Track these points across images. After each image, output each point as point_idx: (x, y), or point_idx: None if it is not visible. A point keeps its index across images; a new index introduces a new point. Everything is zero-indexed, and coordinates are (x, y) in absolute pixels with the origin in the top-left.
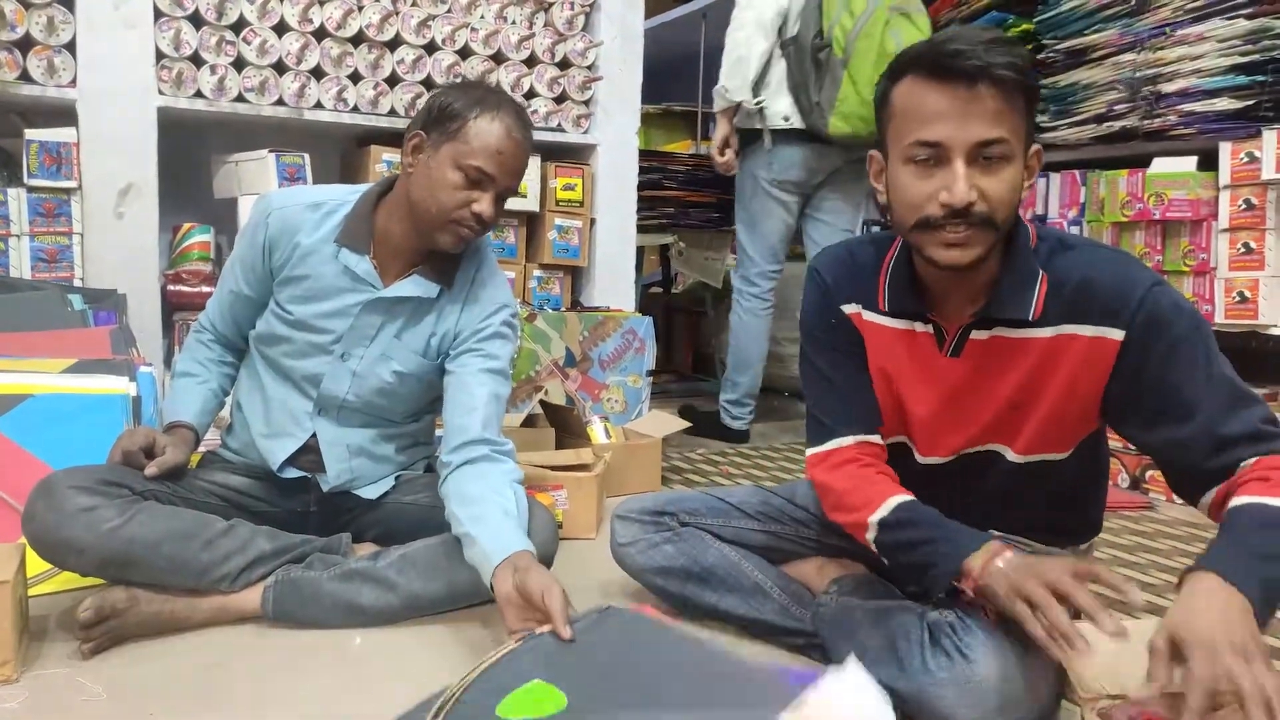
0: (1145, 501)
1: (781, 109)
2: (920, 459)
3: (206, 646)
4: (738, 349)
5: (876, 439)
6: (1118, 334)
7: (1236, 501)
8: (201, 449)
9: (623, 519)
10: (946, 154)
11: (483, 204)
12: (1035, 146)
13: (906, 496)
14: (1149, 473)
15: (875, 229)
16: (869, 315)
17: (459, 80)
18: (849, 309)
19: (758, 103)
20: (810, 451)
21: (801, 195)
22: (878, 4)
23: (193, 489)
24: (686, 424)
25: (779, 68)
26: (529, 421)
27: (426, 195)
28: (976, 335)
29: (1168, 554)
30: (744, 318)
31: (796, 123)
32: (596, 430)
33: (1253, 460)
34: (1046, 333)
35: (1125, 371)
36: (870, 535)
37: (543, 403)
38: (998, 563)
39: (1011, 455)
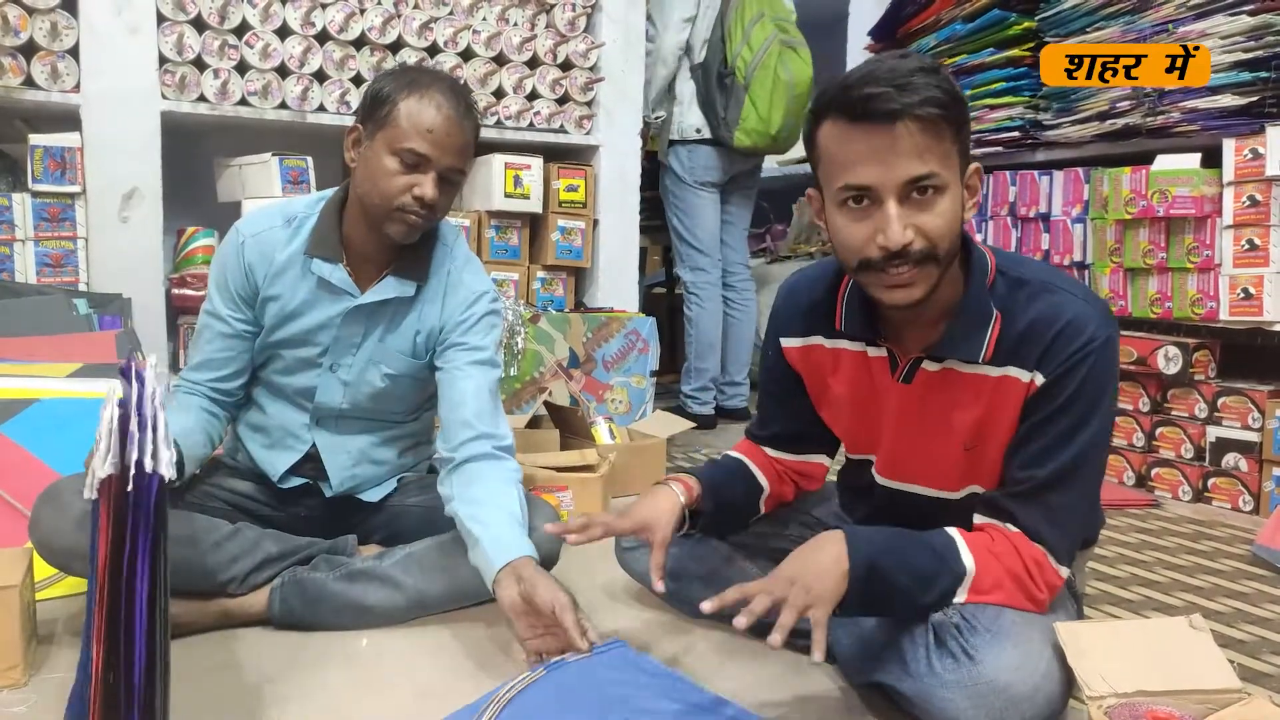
0: (1151, 499)
1: (694, 121)
2: (881, 480)
3: (214, 649)
4: (701, 338)
5: (771, 451)
6: (1041, 379)
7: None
8: None
9: None
10: (878, 195)
11: (424, 187)
12: (973, 165)
13: (738, 456)
14: (1154, 470)
15: None
16: (827, 342)
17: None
18: (789, 343)
19: (656, 116)
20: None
21: (718, 195)
22: (772, 40)
23: (198, 493)
24: (691, 424)
25: (688, 87)
26: (533, 422)
27: (369, 187)
28: (928, 366)
29: (1174, 551)
30: (707, 306)
31: (706, 134)
32: (600, 431)
33: (1014, 528)
34: (994, 372)
35: (1027, 407)
36: None
37: (547, 404)
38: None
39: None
